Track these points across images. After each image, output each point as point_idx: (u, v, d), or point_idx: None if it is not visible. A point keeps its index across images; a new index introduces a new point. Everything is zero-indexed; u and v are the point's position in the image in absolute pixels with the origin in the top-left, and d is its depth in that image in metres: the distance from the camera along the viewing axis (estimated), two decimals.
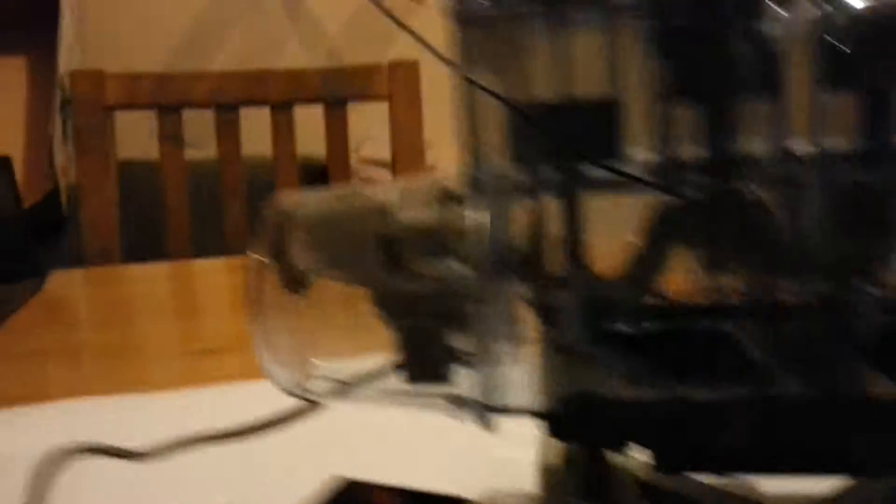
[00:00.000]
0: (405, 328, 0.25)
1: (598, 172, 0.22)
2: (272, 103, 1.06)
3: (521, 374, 0.23)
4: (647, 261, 0.23)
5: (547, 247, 0.22)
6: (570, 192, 0.22)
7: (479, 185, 0.23)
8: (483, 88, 0.22)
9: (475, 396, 0.24)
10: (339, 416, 0.29)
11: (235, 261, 1.04)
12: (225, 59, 1.54)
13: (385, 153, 1.13)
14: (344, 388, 0.27)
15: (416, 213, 0.25)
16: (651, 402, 0.21)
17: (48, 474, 0.27)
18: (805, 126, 0.22)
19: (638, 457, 0.26)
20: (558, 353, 0.22)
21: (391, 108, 1.08)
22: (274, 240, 0.26)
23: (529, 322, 0.23)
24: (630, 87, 0.22)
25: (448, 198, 0.25)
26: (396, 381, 0.27)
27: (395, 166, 1.09)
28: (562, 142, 0.22)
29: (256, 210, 0.27)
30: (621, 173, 0.21)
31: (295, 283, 0.27)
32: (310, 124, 1.07)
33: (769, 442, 0.21)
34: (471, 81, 0.22)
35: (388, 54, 1.09)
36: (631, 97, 0.22)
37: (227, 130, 1.05)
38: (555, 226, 0.22)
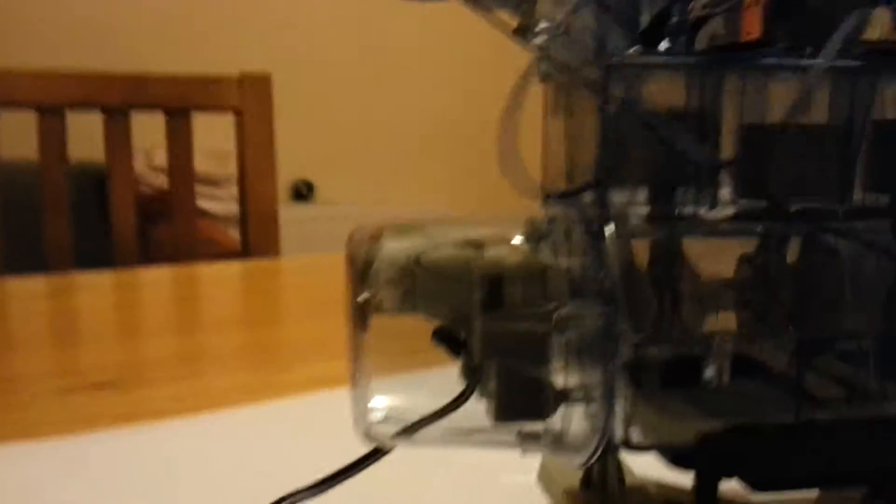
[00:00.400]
0: (504, 366, 0.24)
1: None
2: (107, 107, 0.96)
3: (638, 409, 0.23)
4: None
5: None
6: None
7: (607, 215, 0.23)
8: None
9: (585, 433, 0.24)
10: None
11: (61, 279, 0.93)
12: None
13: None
14: (414, 429, 0.26)
15: (516, 253, 0.25)
16: (767, 431, 0.23)
17: None
18: None
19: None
20: (677, 389, 0.23)
21: (240, 122, 1.03)
22: (361, 278, 0.24)
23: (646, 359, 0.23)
24: None
25: (540, 235, 0.25)
26: (471, 421, 0.26)
27: (242, 181, 1.04)
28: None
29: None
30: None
31: (364, 319, 0.25)
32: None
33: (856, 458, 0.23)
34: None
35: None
36: None
37: (53, 135, 0.94)
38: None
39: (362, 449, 0.26)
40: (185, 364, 0.58)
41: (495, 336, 0.24)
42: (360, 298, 0.25)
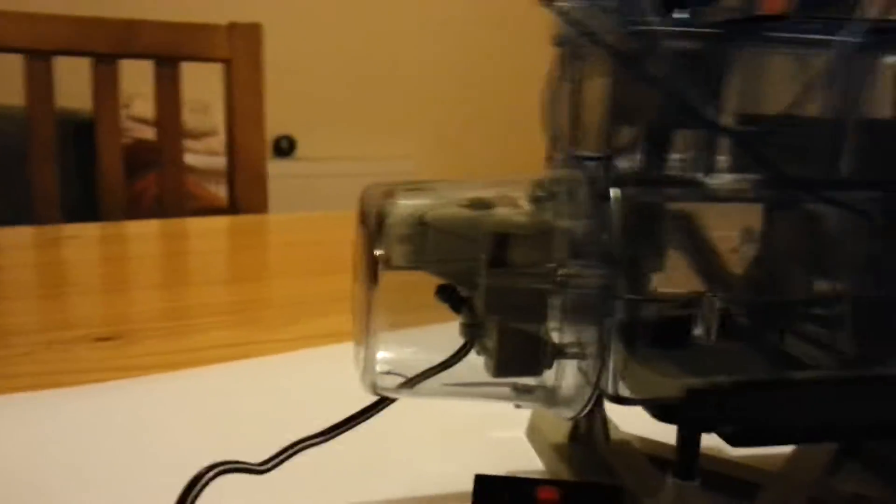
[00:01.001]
0: (505, 323, 0.26)
1: None
2: (96, 54, 0.95)
3: (628, 366, 0.25)
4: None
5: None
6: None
7: (613, 178, 0.24)
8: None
9: (578, 387, 0.25)
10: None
11: (49, 230, 0.93)
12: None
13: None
14: (416, 381, 0.27)
15: (521, 213, 0.26)
16: (747, 387, 0.24)
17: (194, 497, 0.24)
18: None
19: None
20: (666, 347, 0.25)
21: (229, 71, 1.03)
22: (376, 234, 0.25)
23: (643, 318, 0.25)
24: None
25: (546, 196, 0.27)
26: (471, 374, 0.28)
27: (231, 130, 1.04)
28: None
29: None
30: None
31: (376, 274, 0.27)
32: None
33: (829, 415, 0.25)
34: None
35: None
36: None
37: (41, 82, 0.93)
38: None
39: (351, 402, 0.27)
40: (174, 319, 0.59)
41: (497, 293, 0.25)
42: (376, 253, 0.26)
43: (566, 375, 0.26)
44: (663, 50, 0.24)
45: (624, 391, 0.24)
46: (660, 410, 0.25)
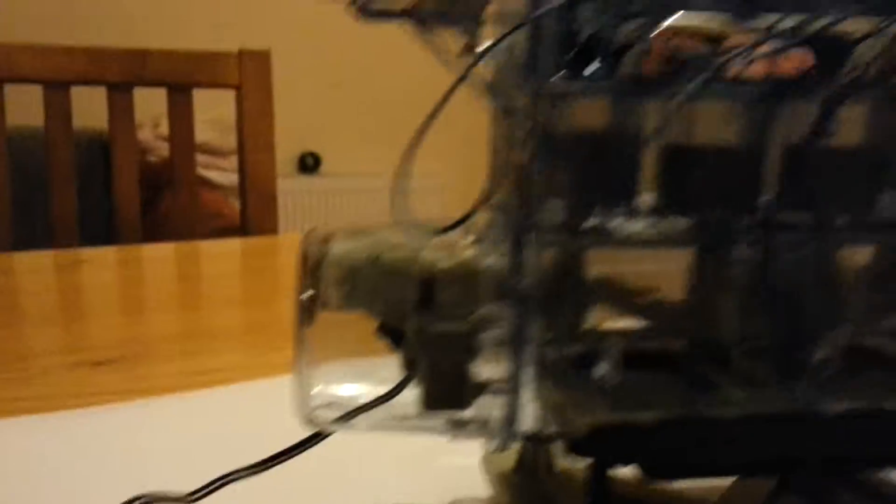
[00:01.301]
0: (432, 360, 0.27)
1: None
2: (110, 83, 0.99)
3: (543, 399, 0.26)
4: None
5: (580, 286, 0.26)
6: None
7: (526, 227, 0.25)
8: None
9: (499, 421, 0.27)
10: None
11: (69, 254, 0.96)
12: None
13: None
14: (352, 415, 0.29)
15: (450, 256, 0.27)
16: (660, 422, 0.25)
17: None
18: None
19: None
20: (578, 383, 0.26)
21: (240, 97, 1.05)
22: (310, 276, 0.27)
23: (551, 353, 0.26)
24: None
25: (477, 240, 0.28)
26: (406, 408, 0.29)
27: (242, 153, 1.07)
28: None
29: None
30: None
31: (311, 313, 0.28)
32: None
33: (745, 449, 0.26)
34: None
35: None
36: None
37: (58, 109, 0.97)
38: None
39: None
40: (189, 341, 0.61)
41: (425, 333, 0.27)
42: (304, 296, 0.27)
43: (491, 410, 0.27)
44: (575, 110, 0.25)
45: (540, 426, 0.25)
46: (573, 445, 0.26)
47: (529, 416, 0.27)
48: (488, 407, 0.27)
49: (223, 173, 1.78)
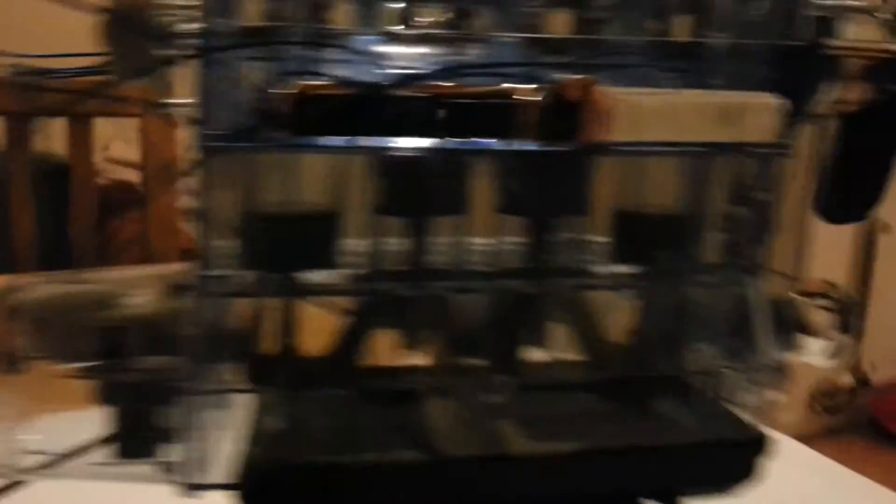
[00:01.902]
0: (119, 411, 0.27)
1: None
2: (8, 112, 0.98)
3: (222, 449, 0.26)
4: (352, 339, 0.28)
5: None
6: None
7: (204, 283, 0.26)
8: None
9: (181, 470, 0.27)
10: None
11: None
12: None
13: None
14: (55, 462, 0.29)
15: (138, 303, 0.28)
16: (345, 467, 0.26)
17: None
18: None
19: None
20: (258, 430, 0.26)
21: (143, 125, 1.05)
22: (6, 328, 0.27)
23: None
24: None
25: (172, 289, 0.28)
26: (107, 457, 0.29)
27: (146, 184, 1.06)
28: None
29: None
30: None
31: (11, 363, 0.28)
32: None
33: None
34: None
35: None
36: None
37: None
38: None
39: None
40: None
41: (106, 384, 0.27)
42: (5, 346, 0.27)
43: (175, 457, 0.27)
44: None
45: (206, 473, 0.26)
46: (235, 490, 0.26)
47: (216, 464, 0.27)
48: (174, 454, 0.28)
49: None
